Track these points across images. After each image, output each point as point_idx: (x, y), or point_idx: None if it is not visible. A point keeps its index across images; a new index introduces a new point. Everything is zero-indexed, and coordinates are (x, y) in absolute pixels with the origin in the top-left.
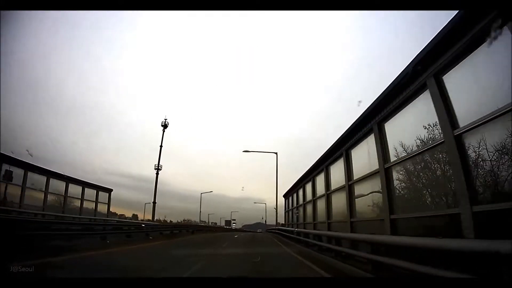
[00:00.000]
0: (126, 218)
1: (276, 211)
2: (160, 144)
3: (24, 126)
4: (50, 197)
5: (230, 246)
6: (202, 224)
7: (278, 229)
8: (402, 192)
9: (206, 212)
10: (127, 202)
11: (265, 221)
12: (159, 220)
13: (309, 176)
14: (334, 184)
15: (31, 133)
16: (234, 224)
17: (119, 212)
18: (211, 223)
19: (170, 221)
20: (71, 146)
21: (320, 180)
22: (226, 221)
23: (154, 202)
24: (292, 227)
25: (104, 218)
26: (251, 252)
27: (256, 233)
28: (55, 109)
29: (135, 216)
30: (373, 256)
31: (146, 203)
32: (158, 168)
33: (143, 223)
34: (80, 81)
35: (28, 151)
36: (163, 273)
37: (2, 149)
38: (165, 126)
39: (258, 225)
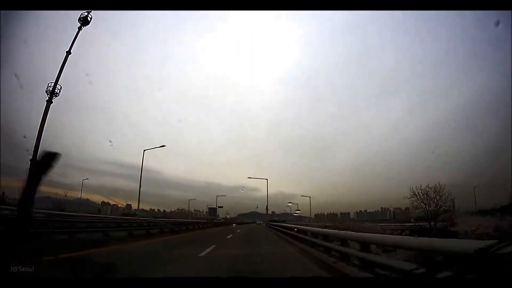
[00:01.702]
0: None
1: None
2: (67, 50)
3: (25, 124)
4: None
5: None
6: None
7: None
8: None
9: (186, 198)
10: (117, 190)
11: (266, 208)
12: None
13: None
14: None
15: (30, 129)
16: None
17: (110, 201)
18: (205, 210)
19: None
20: (68, 138)
21: None
22: (210, 208)
23: (33, 159)
24: None
25: None
26: None
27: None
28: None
29: (129, 205)
30: None
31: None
32: (53, 90)
33: None
34: (80, 79)
35: (28, 150)
36: None
37: (2, 146)
38: (84, 21)
39: (254, 215)
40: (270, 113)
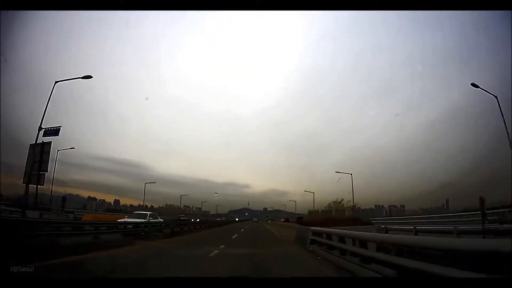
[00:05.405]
0: None
1: None
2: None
3: (25, 122)
4: None
5: None
6: None
7: None
8: None
9: (178, 194)
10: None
11: (286, 210)
12: None
13: None
14: None
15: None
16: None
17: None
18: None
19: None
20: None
21: None
22: None
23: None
24: None
25: None
26: None
27: None
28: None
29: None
30: None
31: None
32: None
33: None
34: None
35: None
36: None
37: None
38: None
39: (246, 211)
40: (264, 112)
